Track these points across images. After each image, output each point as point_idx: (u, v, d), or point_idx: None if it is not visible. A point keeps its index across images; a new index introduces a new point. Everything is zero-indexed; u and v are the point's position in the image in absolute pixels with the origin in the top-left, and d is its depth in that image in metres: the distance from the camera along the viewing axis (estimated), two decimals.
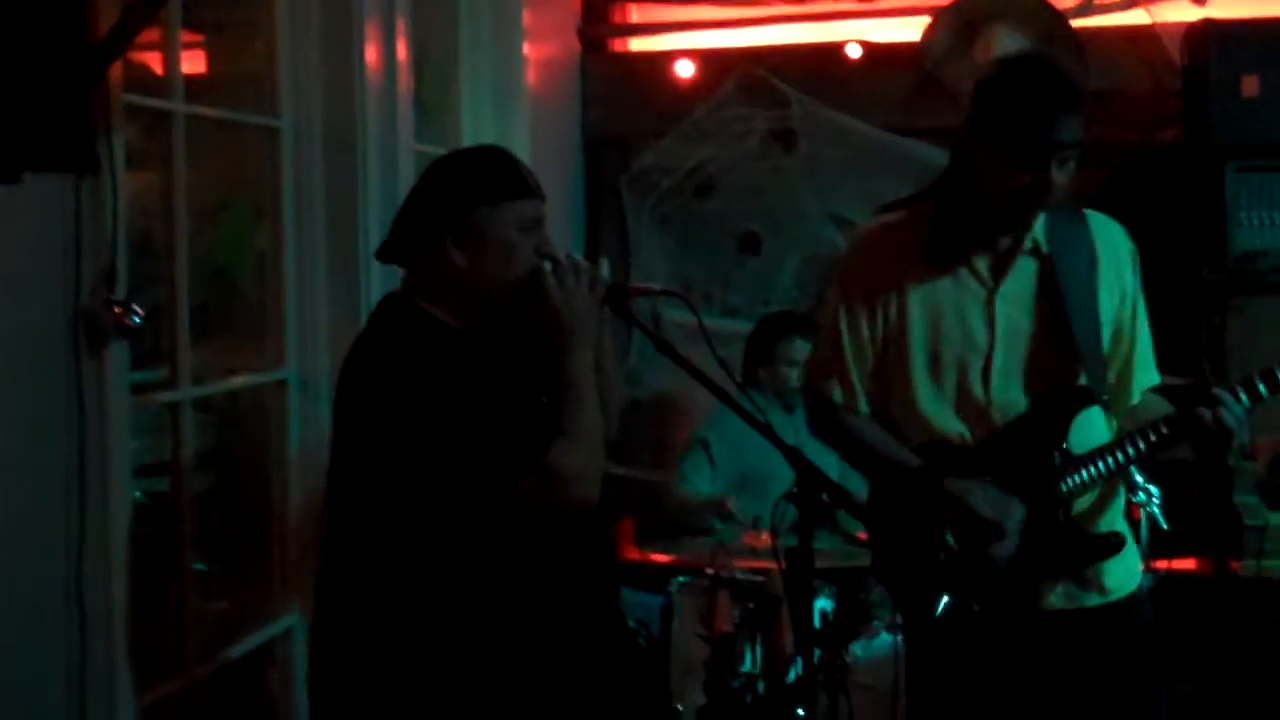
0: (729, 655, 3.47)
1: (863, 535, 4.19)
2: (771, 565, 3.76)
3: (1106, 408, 2.94)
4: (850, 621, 3.87)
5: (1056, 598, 2.91)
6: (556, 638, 2.61)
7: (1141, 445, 2.85)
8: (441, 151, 4.38)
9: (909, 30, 5.40)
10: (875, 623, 3.92)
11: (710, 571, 3.63)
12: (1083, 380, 2.89)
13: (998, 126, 2.75)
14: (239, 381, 3.67)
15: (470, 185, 2.59)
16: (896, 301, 2.93)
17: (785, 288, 5.49)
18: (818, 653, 3.05)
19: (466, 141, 4.68)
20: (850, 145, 5.42)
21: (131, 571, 2.87)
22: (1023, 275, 2.89)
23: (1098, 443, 2.90)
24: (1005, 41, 5.22)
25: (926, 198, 3.00)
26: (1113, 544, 2.91)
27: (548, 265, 2.59)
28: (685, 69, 5.53)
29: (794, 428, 4.65)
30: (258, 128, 3.63)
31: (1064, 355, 2.88)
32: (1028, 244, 2.88)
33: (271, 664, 3.67)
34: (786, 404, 4.73)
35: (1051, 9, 5.24)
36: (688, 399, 5.36)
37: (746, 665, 3.56)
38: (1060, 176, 2.74)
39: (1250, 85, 4.79)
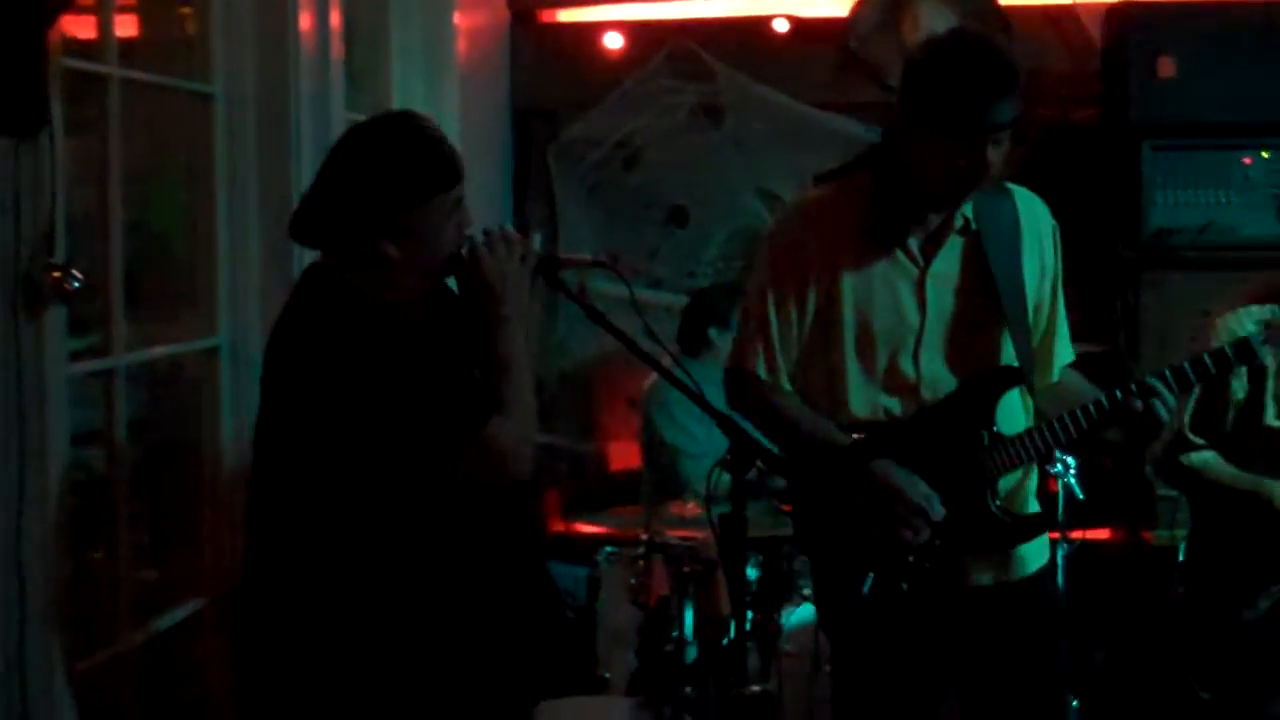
0: (664, 620, 3.51)
1: (788, 507, 4.26)
2: (698, 534, 3.82)
3: (1030, 386, 2.95)
4: (775, 590, 3.92)
5: (982, 576, 2.94)
6: (482, 608, 2.65)
7: (1072, 429, 2.86)
8: None
9: (836, 6, 5.46)
10: (803, 590, 3.99)
11: (645, 538, 3.68)
12: (1009, 358, 2.91)
13: (933, 109, 2.72)
14: (171, 349, 3.64)
15: (400, 185, 2.51)
16: (828, 280, 2.90)
17: (711, 260, 5.55)
18: (750, 615, 3.10)
19: None
20: (776, 120, 5.48)
21: (69, 540, 2.86)
22: (953, 253, 2.89)
23: (1016, 420, 2.93)
24: (932, 19, 5.30)
25: (855, 170, 2.96)
26: (1038, 524, 2.96)
27: (480, 236, 2.60)
28: (614, 40, 5.56)
29: None
30: (190, 93, 3.60)
31: (992, 333, 2.90)
32: (958, 222, 2.88)
33: (203, 634, 3.66)
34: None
35: None
36: (614, 369, 5.41)
37: (680, 630, 3.61)
38: (996, 156, 2.74)
39: (1167, 66, 4.90)
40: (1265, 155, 4.93)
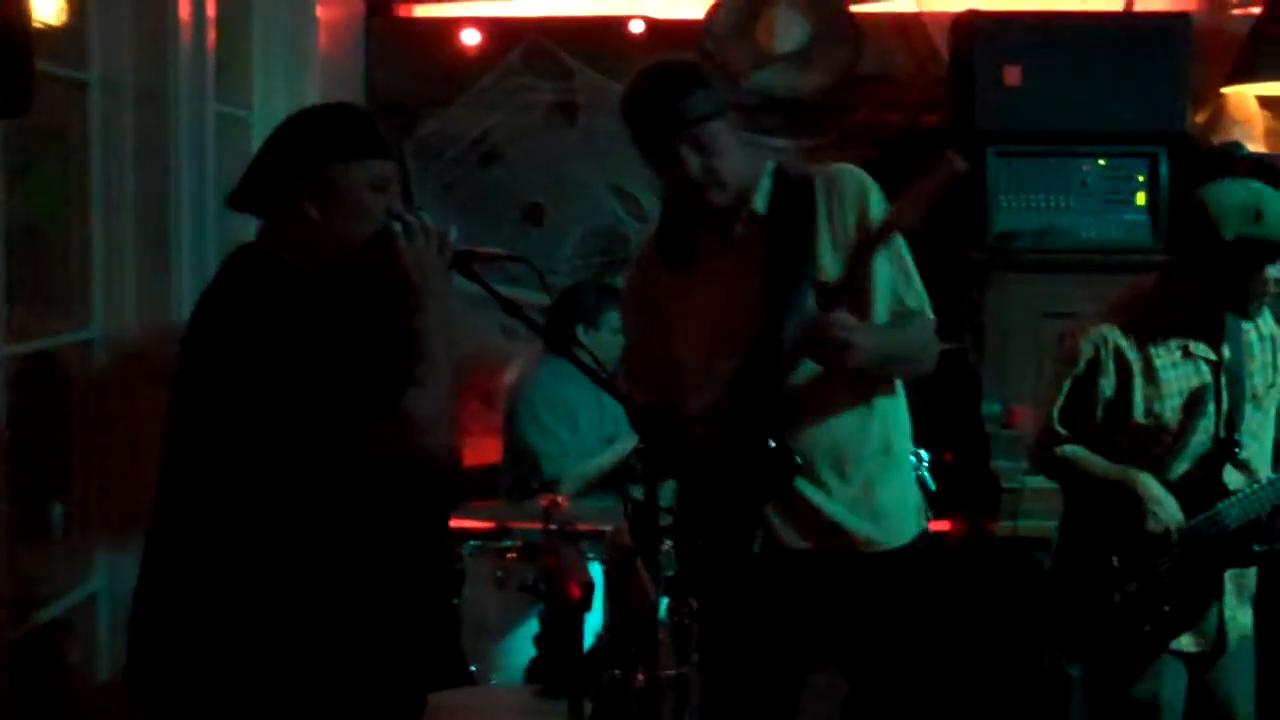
0: (583, 608, 3.53)
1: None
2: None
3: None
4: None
5: (789, 537, 3.04)
6: (392, 602, 2.67)
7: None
8: (236, 111, 4.35)
9: (692, 8, 5.54)
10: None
11: (554, 528, 3.70)
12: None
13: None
14: (45, 342, 3.54)
15: (324, 140, 2.64)
16: (658, 297, 3.15)
17: (568, 258, 5.60)
18: (666, 601, 3.15)
19: (258, 102, 4.62)
20: None
21: None
22: (743, 244, 3.04)
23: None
24: (785, 24, 5.42)
25: None
26: (785, 461, 2.96)
27: (397, 226, 2.63)
28: (471, 36, 5.55)
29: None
30: (66, 80, 3.51)
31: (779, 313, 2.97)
32: (745, 213, 3.03)
33: (73, 632, 3.58)
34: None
35: None
36: (469, 366, 5.40)
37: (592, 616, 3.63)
38: (692, 158, 2.92)
39: (1012, 74, 5.07)
40: (1102, 163, 5.15)
